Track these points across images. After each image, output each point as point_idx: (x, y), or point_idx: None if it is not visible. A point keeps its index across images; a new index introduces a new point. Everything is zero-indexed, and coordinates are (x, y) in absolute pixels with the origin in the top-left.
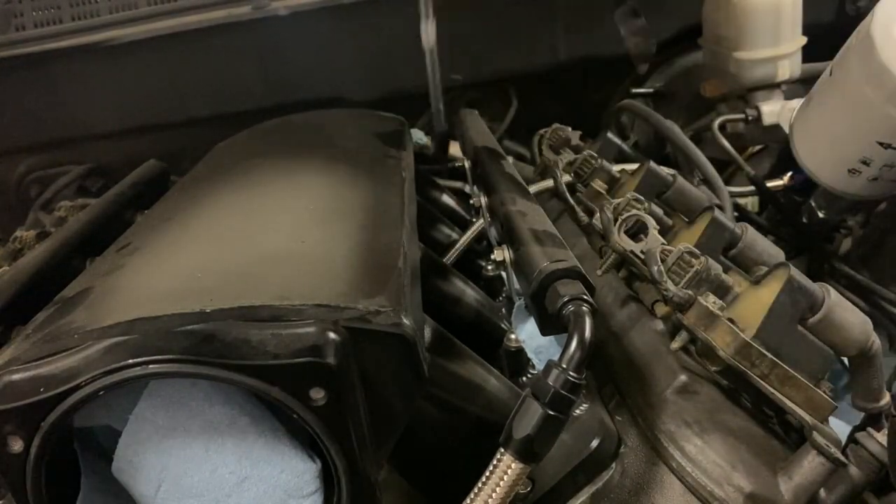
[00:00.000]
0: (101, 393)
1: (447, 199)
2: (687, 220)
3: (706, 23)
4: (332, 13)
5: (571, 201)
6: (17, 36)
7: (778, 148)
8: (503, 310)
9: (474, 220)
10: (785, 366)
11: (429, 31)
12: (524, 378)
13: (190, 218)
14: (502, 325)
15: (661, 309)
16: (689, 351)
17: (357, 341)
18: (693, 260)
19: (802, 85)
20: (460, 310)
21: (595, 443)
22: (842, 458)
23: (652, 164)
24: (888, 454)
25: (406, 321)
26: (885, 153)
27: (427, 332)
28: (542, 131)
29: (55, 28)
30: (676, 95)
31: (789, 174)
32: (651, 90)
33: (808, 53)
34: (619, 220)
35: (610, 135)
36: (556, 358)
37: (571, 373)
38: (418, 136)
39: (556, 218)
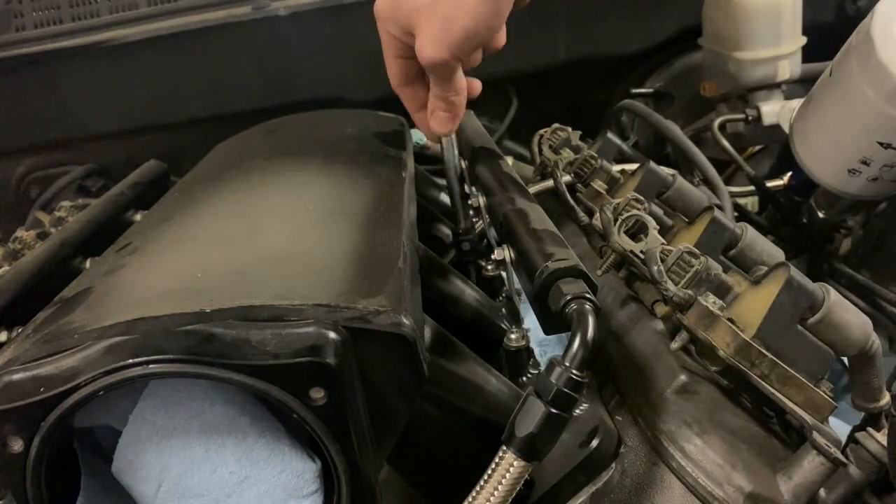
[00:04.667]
0: (101, 393)
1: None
2: (687, 220)
3: (706, 23)
4: (332, 13)
5: (571, 201)
6: (17, 36)
7: (778, 148)
8: (503, 310)
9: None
10: (785, 366)
11: None
12: (524, 378)
13: (190, 218)
14: (502, 325)
15: (661, 309)
16: (689, 351)
17: (357, 341)
18: (693, 260)
19: (802, 85)
20: (460, 310)
21: (595, 443)
22: (842, 458)
23: (652, 163)
24: (888, 454)
25: (406, 321)
26: (884, 153)
27: (427, 332)
28: (542, 131)
29: (55, 28)
30: (676, 95)
31: (789, 174)
32: (651, 90)
33: (808, 53)
34: (619, 220)
35: (610, 135)
36: (559, 352)
37: (574, 371)
38: (418, 136)
39: (557, 218)
